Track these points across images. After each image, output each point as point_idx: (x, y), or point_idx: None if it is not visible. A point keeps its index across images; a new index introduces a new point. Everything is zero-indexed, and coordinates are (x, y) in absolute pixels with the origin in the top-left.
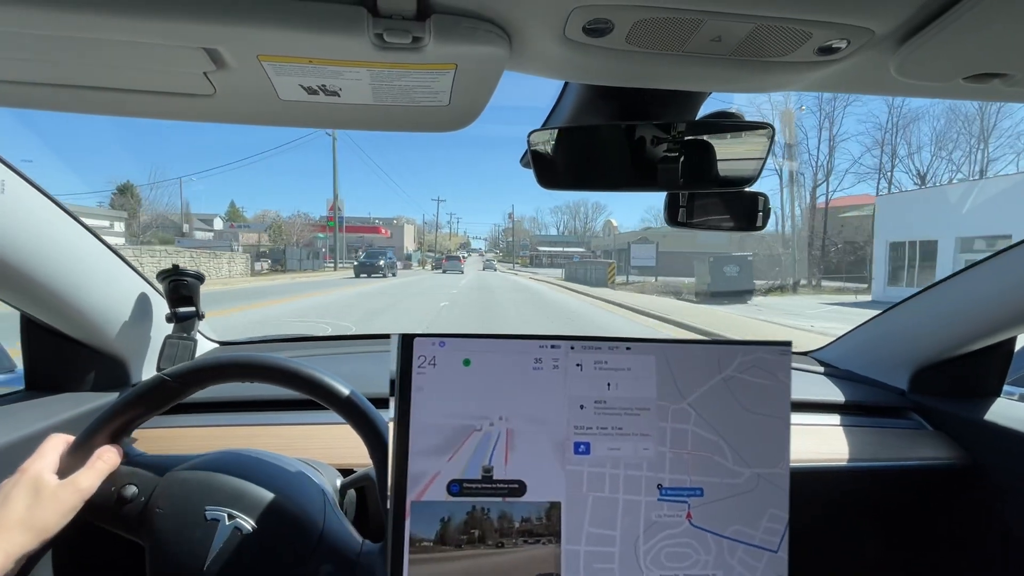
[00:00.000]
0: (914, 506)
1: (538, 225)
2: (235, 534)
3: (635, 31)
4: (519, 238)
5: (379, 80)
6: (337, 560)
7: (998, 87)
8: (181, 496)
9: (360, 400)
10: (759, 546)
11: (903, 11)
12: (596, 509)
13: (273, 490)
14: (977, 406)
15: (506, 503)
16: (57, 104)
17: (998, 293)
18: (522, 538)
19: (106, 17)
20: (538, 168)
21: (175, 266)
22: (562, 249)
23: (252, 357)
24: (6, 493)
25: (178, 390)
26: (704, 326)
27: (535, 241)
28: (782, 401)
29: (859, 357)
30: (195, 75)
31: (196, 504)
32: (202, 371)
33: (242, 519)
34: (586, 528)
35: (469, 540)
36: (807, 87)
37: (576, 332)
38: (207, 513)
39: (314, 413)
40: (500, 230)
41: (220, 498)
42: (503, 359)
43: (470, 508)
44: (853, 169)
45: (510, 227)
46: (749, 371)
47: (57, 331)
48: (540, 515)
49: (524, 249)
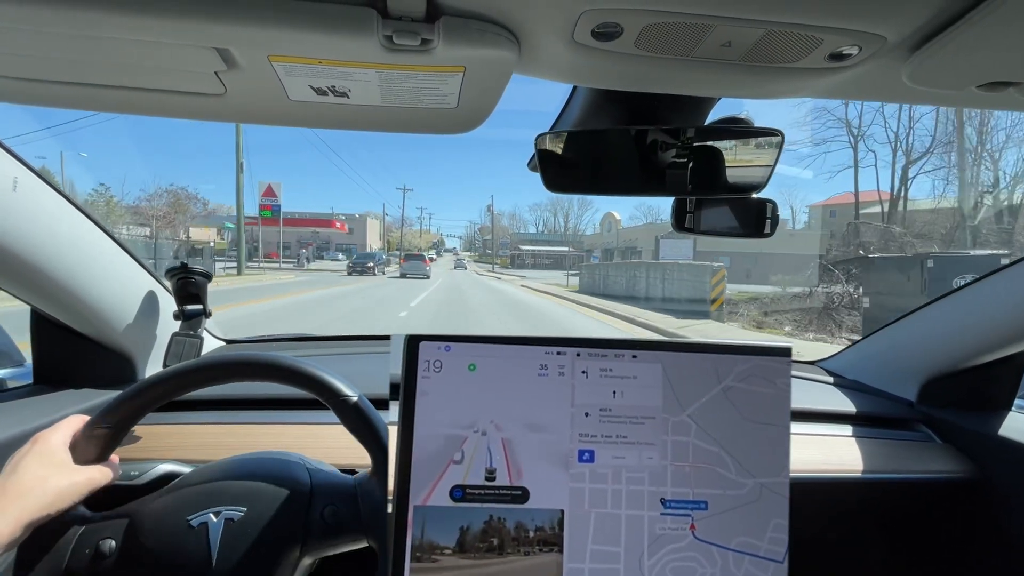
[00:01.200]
0: (921, 519)
1: (517, 222)
2: (229, 524)
3: (644, 35)
4: (498, 235)
5: (388, 82)
6: (336, 498)
7: (1013, 95)
8: (156, 519)
9: (365, 405)
10: (765, 557)
11: (916, 18)
12: (599, 525)
13: (248, 476)
14: (988, 419)
15: (509, 510)
16: (69, 101)
17: (1011, 305)
18: (525, 546)
19: (118, 16)
20: (545, 171)
21: (184, 264)
22: (547, 248)
23: (264, 357)
24: (17, 461)
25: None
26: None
27: (516, 239)
28: (782, 409)
29: (867, 367)
30: (206, 74)
31: (175, 520)
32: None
33: (228, 509)
34: (590, 545)
35: (472, 547)
36: (818, 94)
37: None
38: (191, 521)
39: (317, 413)
40: (475, 228)
41: (196, 505)
42: (508, 364)
43: (473, 515)
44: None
45: (487, 225)
46: (748, 380)
47: (66, 326)
48: (544, 523)
49: (504, 248)
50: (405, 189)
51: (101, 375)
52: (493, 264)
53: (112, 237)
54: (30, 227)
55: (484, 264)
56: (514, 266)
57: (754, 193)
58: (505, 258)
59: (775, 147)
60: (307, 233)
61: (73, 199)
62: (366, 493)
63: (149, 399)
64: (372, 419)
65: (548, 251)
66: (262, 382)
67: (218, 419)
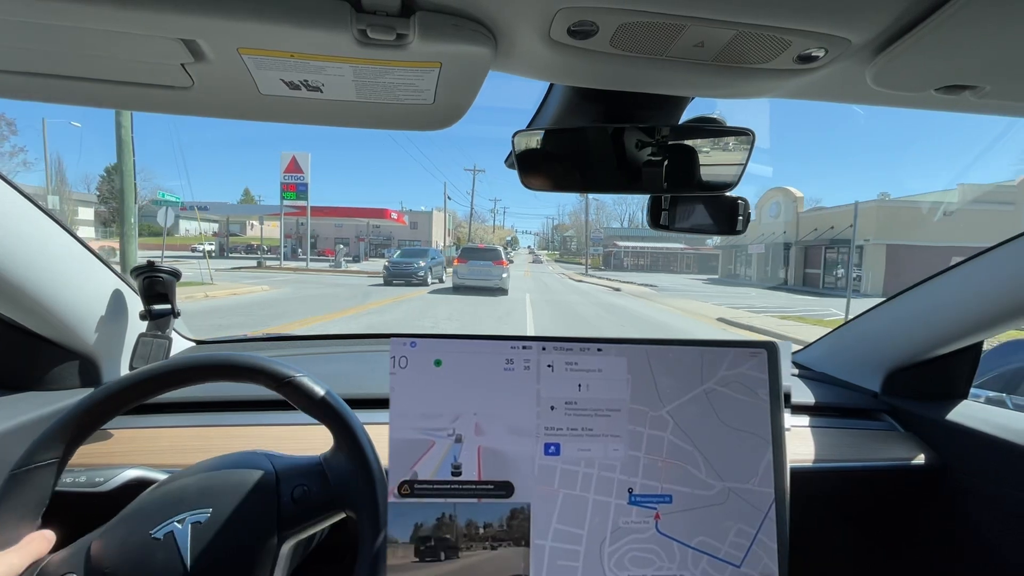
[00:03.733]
0: (886, 506)
1: (606, 214)
2: (197, 528)
3: (619, 34)
4: (581, 230)
5: (362, 77)
6: (303, 478)
7: (968, 99)
8: (118, 544)
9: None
10: (723, 559)
11: (879, 22)
12: (565, 507)
13: (206, 476)
14: (945, 408)
15: (476, 504)
16: (31, 93)
17: (966, 299)
18: (491, 541)
19: (81, 5)
20: (522, 169)
21: (150, 262)
22: (653, 245)
23: (233, 357)
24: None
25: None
26: None
27: (610, 236)
28: (762, 420)
29: (834, 360)
30: (172, 67)
31: (138, 537)
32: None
33: (192, 513)
34: (554, 524)
35: (439, 542)
36: (787, 94)
37: None
38: (153, 534)
39: (290, 414)
40: (553, 223)
41: (157, 516)
42: (475, 360)
43: (438, 510)
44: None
45: (563, 223)
46: (731, 386)
47: (23, 327)
48: (508, 517)
49: (597, 245)
50: (476, 170)
51: (63, 378)
52: (586, 266)
53: (73, 235)
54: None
55: (567, 265)
56: (610, 268)
57: (726, 191)
58: (597, 257)
59: (746, 146)
60: (363, 227)
61: (28, 194)
62: (332, 467)
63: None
64: (322, 394)
65: (655, 249)
66: (211, 383)
67: (188, 422)
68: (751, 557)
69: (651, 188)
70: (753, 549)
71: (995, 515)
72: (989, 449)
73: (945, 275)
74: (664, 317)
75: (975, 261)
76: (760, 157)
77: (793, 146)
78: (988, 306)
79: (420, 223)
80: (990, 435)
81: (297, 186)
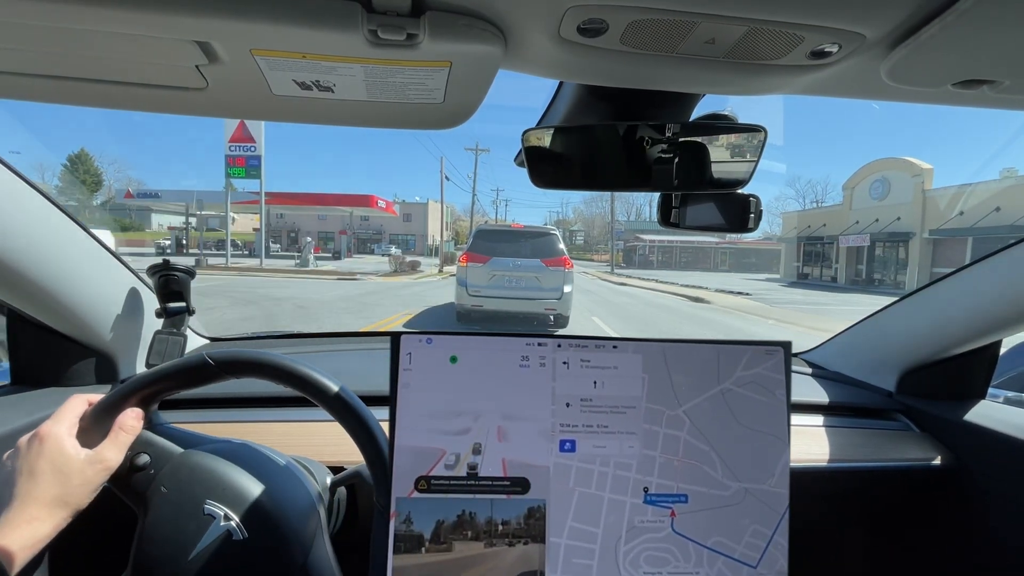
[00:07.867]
0: (900, 507)
1: (626, 206)
2: (225, 536)
3: (629, 32)
4: (596, 224)
5: (373, 76)
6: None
7: (986, 93)
8: (188, 482)
9: (349, 397)
10: (738, 560)
11: (894, 16)
12: (581, 505)
13: (275, 501)
14: (962, 408)
15: (491, 501)
16: (47, 95)
17: (985, 297)
18: (507, 537)
19: (97, 8)
20: (532, 167)
21: (166, 261)
22: (682, 239)
23: (288, 364)
24: (31, 466)
25: (215, 374)
26: None
27: (631, 230)
28: (779, 420)
29: (848, 359)
30: (187, 68)
31: (199, 495)
32: (245, 364)
33: (236, 524)
34: (569, 522)
35: (455, 538)
36: (799, 90)
37: None
38: (206, 507)
39: (305, 410)
40: (555, 219)
41: (222, 495)
42: (490, 356)
43: (455, 506)
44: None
45: (565, 218)
46: (748, 386)
47: (44, 325)
48: (525, 514)
49: (618, 239)
50: (478, 149)
51: (82, 374)
52: (611, 264)
53: (90, 233)
54: (4, 223)
55: (581, 262)
56: (633, 265)
57: (738, 188)
58: (618, 253)
59: (759, 143)
60: (350, 219)
61: (49, 194)
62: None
63: (151, 393)
64: (358, 411)
65: (684, 243)
66: (248, 379)
67: (206, 418)
68: (767, 558)
69: (662, 186)
70: (769, 550)
71: (1013, 516)
72: (1008, 450)
73: (962, 273)
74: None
75: (993, 258)
76: (773, 154)
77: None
78: (1007, 304)
79: (414, 214)
80: (1010, 436)
81: (248, 160)
